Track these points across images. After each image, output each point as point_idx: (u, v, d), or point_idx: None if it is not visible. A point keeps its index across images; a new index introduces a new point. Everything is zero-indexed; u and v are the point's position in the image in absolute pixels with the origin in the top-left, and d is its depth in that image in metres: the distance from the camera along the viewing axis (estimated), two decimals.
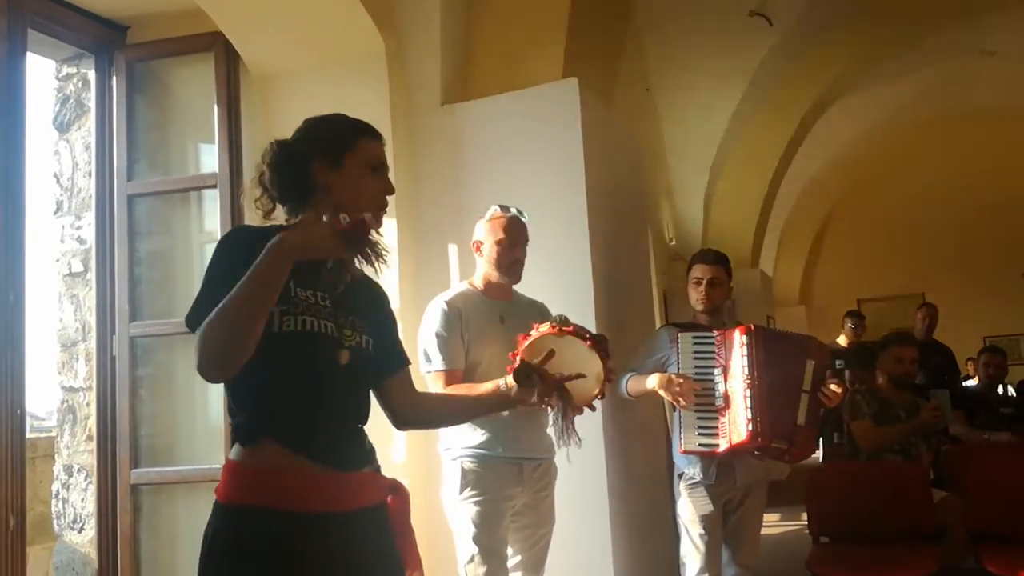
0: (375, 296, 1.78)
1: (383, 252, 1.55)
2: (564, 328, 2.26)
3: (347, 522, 1.53)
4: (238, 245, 1.54)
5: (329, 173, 1.62)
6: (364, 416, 1.67)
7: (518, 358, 2.23)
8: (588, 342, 2.24)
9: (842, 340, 6.58)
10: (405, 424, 1.85)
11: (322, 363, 1.55)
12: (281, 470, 1.48)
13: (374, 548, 1.58)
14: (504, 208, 2.67)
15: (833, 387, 2.82)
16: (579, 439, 2.12)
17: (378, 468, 1.67)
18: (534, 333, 2.27)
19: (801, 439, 2.83)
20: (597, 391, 2.27)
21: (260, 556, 1.45)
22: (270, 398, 1.52)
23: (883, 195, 11.51)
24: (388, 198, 1.70)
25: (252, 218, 1.71)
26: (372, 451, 1.67)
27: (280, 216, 1.69)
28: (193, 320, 1.47)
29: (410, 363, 1.86)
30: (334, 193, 1.61)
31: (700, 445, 2.87)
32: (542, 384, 1.80)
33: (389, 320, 1.79)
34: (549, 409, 1.99)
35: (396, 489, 1.70)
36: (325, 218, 1.48)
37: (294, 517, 1.47)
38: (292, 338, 1.51)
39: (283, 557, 1.45)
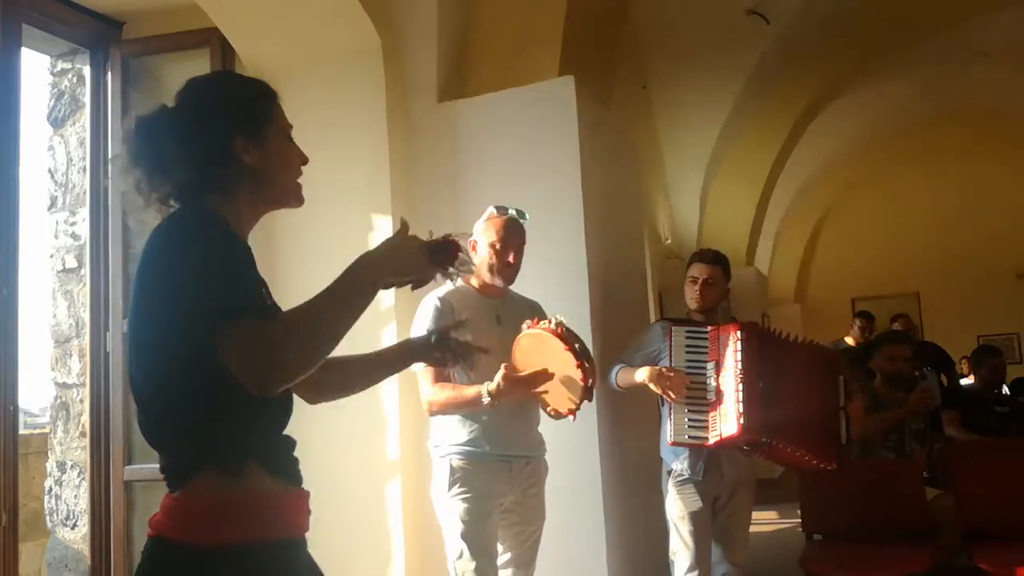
0: None
1: (471, 267, 1.47)
2: (554, 331, 2.36)
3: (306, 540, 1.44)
4: (220, 230, 1.33)
5: (250, 150, 1.40)
6: None
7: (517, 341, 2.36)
8: (576, 363, 2.32)
9: (849, 340, 6.60)
10: (318, 398, 1.65)
11: None
12: (272, 496, 1.33)
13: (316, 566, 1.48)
14: (501, 209, 2.64)
15: (855, 402, 2.90)
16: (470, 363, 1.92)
17: None
18: (536, 329, 2.38)
19: (834, 453, 2.89)
20: (573, 405, 2.38)
21: None
22: (254, 419, 1.32)
23: (878, 194, 11.53)
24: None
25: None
26: None
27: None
28: (235, 313, 1.22)
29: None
30: (256, 173, 1.41)
31: (690, 437, 2.88)
32: (451, 351, 1.73)
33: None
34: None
35: None
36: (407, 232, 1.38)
37: (286, 544, 1.36)
38: None
39: None
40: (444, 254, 1.42)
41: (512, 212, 2.65)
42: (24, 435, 4.00)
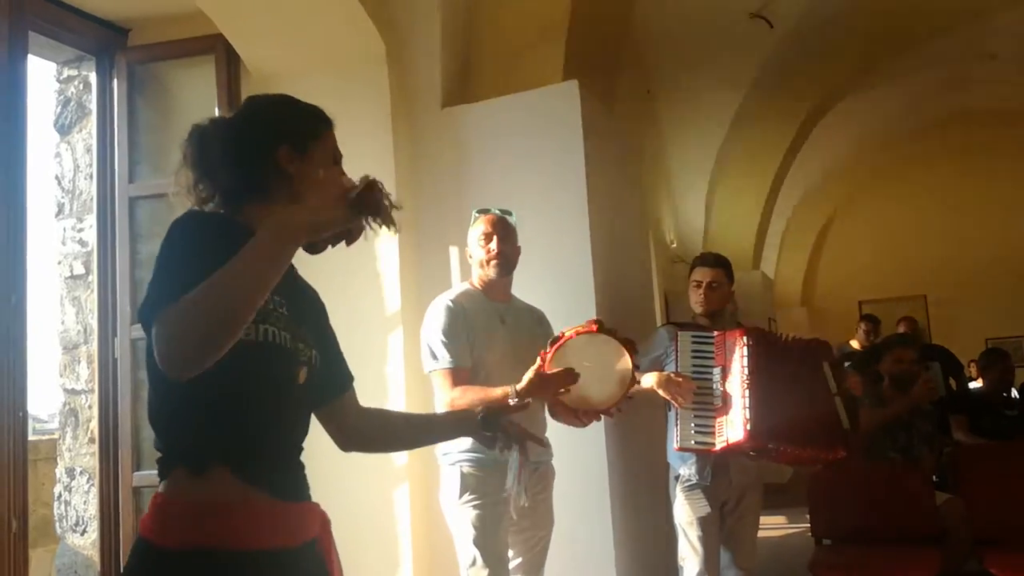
0: (317, 304, 1.56)
1: (394, 208, 1.32)
2: (595, 326, 2.36)
3: (298, 556, 1.36)
4: (204, 227, 1.34)
5: (293, 161, 1.43)
6: (303, 441, 1.47)
7: (548, 359, 2.29)
8: (621, 338, 2.33)
9: (855, 343, 6.57)
10: (352, 445, 1.62)
11: (280, 380, 1.36)
12: (236, 504, 1.27)
13: None
14: (483, 211, 2.69)
15: (851, 380, 2.87)
16: (527, 498, 2.10)
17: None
18: (568, 332, 2.36)
19: (838, 440, 2.85)
20: (620, 395, 2.36)
21: None
22: (223, 420, 1.29)
23: (884, 197, 11.49)
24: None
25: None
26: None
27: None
28: (152, 309, 1.21)
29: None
30: (294, 183, 1.42)
31: (696, 443, 2.87)
32: (503, 434, 1.67)
33: (332, 334, 1.58)
34: (510, 454, 1.85)
35: (324, 521, 1.47)
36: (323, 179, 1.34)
37: (250, 556, 1.27)
38: (250, 349, 1.27)
39: None
40: (366, 198, 1.29)
41: (495, 210, 2.69)
42: (33, 441, 4.00)
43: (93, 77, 3.84)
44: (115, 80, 3.77)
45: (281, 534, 1.33)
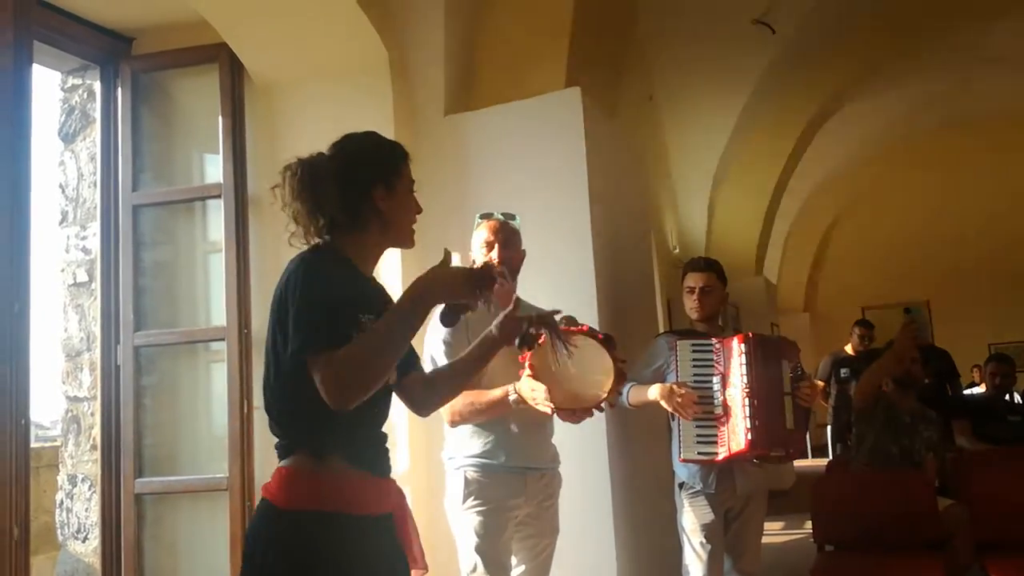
0: (390, 301, 1.84)
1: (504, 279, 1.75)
2: (574, 327, 2.29)
3: (386, 522, 1.71)
4: (327, 266, 1.63)
5: (385, 199, 1.73)
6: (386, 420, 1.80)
7: (529, 356, 2.28)
8: (599, 338, 2.30)
9: (849, 348, 6.54)
10: (425, 409, 1.95)
11: (382, 385, 1.65)
12: (349, 479, 1.62)
13: (399, 545, 1.75)
14: (486, 215, 2.67)
15: (806, 388, 2.87)
16: (571, 349, 2.05)
17: None
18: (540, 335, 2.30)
19: (793, 442, 2.88)
20: (608, 390, 2.31)
21: (334, 557, 1.55)
22: (338, 420, 1.58)
23: (887, 202, 11.50)
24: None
25: (259, 229, 1.79)
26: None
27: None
28: (316, 344, 1.51)
29: (419, 357, 1.99)
30: (384, 216, 1.73)
31: (699, 454, 2.87)
32: (530, 334, 1.91)
33: None
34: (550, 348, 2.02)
35: (399, 491, 1.82)
36: (454, 259, 1.65)
37: (360, 519, 1.61)
38: None
39: (354, 557, 1.58)
40: (484, 280, 1.63)
41: (498, 215, 2.66)
42: (35, 448, 4.01)
43: (97, 86, 3.86)
44: (119, 89, 3.78)
45: (377, 503, 1.68)
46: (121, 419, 3.61)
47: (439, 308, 2.51)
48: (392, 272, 3.37)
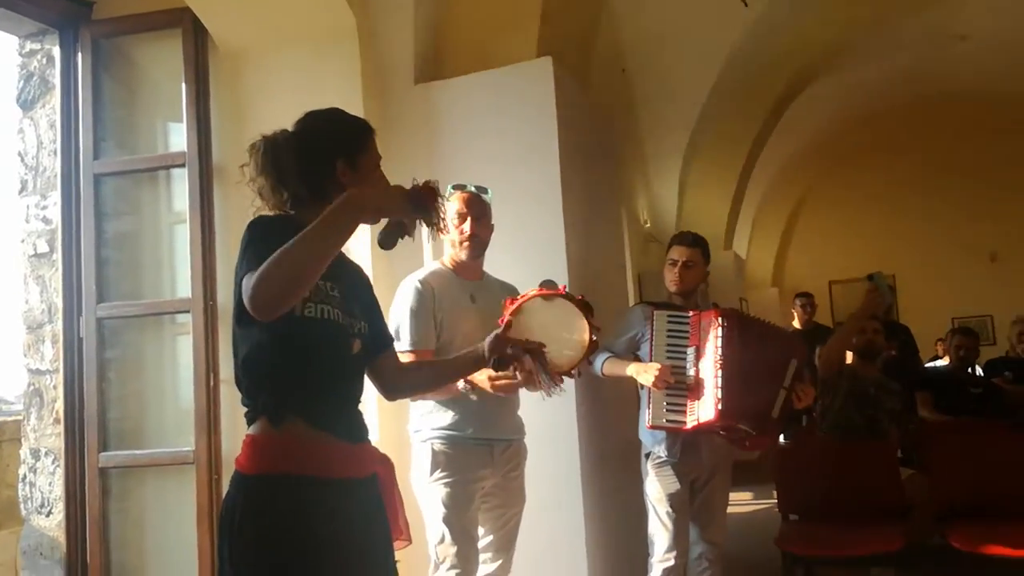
0: (363, 280, 1.91)
1: (442, 218, 1.72)
2: (552, 290, 2.27)
3: (363, 486, 1.72)
4: (275, 224, 1.65)
5: (347, 172, 1.74)
6: (362, 394, 1.81)
7: (505, 319, 2.24)
8: (577, 301, 2.26)
9: (796, 323, 6.60)
10: (393, 394, 2.00)
11: (340, 350, 1.70)
12: (309, 441, 1.63)
13: (379, 510, 1.77)
14: (459, 186, 2.65)
15: (803, 389, 2.89)
16: (560, 385, 2.08)
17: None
18: (531, 292, 2.28)
19: (769, 429, 2.90)
20: (581, 357, 2.27)
21: (299, 517, 1.57)
22: (295, 381, 1.63)
23: (855, 178, 11.59)
24: None
25: (224, 199, 1.79)
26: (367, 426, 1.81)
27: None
28: (253, 267, 1.51)
29: (395, 340, 2.00)
30: (347, 190, 1.70)
31: (668, 421, 2.90)
32: (518, 352, 1.92)
33: (376, 302, 1.91)
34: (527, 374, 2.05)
35: (384, 460, 1.87)
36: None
37: (324, 482, 1.62)
38: (314, 325, 1.63)
39: (319, 517, 1.59)
40: (423, 200, 1.62)
41: (471, 188, 2.64)
42: None
43: (56, 51, 3.76)
44: (79, 54, 3.69)
45: (343, 467, 1.68)
46: (84, 392, 3.56)
47: (414, 285, 2.51)
48: (363, 249, 3.35)
